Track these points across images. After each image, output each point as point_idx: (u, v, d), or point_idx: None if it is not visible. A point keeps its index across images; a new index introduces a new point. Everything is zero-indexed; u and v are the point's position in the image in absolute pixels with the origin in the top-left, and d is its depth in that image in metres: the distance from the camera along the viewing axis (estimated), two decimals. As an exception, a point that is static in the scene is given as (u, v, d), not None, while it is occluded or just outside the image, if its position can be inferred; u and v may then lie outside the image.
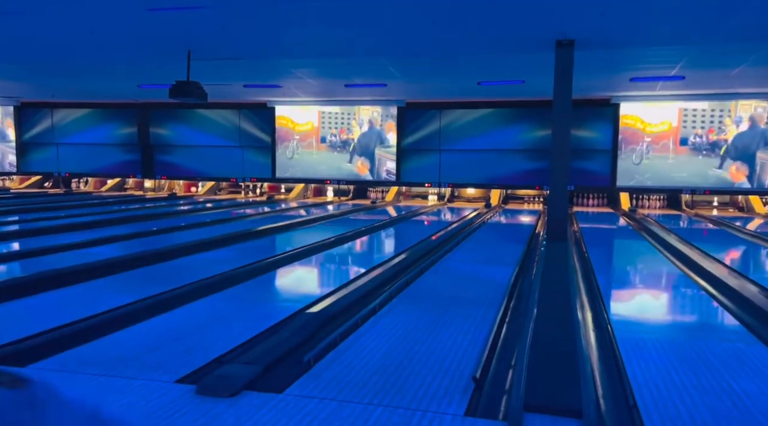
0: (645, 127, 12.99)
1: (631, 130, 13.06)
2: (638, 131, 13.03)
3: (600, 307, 4.28)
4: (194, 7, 6.56)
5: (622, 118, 13.09)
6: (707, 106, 12.61)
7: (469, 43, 8.24)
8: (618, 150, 13.20)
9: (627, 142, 13.08)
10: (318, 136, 14.87)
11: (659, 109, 12.88)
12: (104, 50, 9.20)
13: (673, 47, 8.31)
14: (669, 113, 12.85)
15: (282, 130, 15.03)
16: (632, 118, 13.05)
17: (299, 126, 14.97)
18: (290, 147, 15.02)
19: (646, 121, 12.99)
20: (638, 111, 13.02)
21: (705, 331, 4.06)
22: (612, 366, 3.04)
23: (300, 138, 14.94)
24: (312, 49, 8.84)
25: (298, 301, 4.37)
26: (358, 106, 14.59)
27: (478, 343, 3.36)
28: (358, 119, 14.63)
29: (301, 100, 14.64)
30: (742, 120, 12.49)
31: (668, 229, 9.31)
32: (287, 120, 15.02)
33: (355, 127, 14.68)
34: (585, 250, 7.16)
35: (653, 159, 12.98)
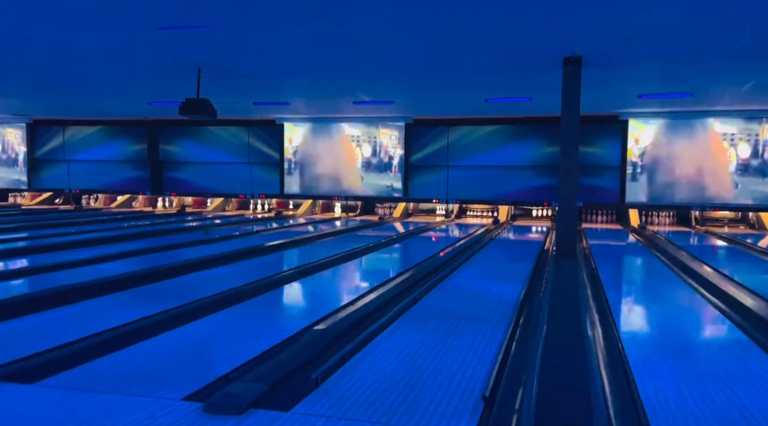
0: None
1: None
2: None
3: (610, 325, 4.24)
4: (203, 26, 6.64)
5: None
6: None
7: (476, 61, 8.28)
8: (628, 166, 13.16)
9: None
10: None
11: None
12: (115, 68, 9.32)
13: (680, 65, 8.31)
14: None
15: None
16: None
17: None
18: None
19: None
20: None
21: (716, 348, 4.00)
22: (623, 384, 3.00)
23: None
24: (320, 69, 8.91)
25: (305, 317, 4.36)
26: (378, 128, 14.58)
27: (487, 362, 3.32)
28: (379, 140, 14.63)
29: (308, 117, 14.73)
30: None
31: (678, 245, 9.24)
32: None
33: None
34: (594, 266, 7.11)
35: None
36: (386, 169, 14.65)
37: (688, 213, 13.35)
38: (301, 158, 15.18)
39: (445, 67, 8.73)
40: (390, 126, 14.54)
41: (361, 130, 14.74)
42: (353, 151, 14.84)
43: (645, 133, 13.11)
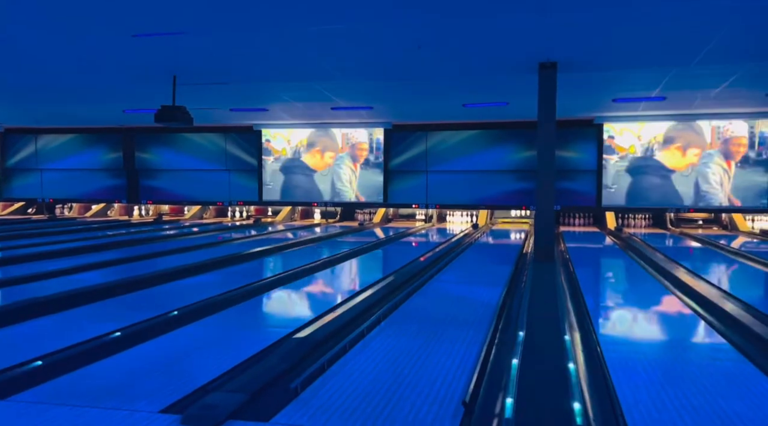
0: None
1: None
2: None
3: (589, 328, 4.28)
4: (178, 33, 6.59)
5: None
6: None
7: (453, 66, 8.34)
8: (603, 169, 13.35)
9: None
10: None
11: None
12: (89, 76, 9.19)
13: (653, 69, 8.47)
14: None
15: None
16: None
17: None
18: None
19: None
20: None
21: (693, 350, 4.07)
22: (602, 387, 3.02)
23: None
24: (296, 73, 8.90)
25: (285, 326, 4.32)
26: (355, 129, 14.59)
27: (468, 366, 3.33)
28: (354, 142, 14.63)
29: (287, 124, 14.68)
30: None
31: (654, 247, 9.38)
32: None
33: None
34: (572, 270, 7.17)
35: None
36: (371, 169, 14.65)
37: (663, 215, 13.58)
38: (280, 164, 15.11)
39: (422, 72, 8.77)
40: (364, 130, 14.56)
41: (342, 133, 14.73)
42: (333, 155, 14.81)
43: (620, 136, 13.31)
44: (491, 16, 6.02)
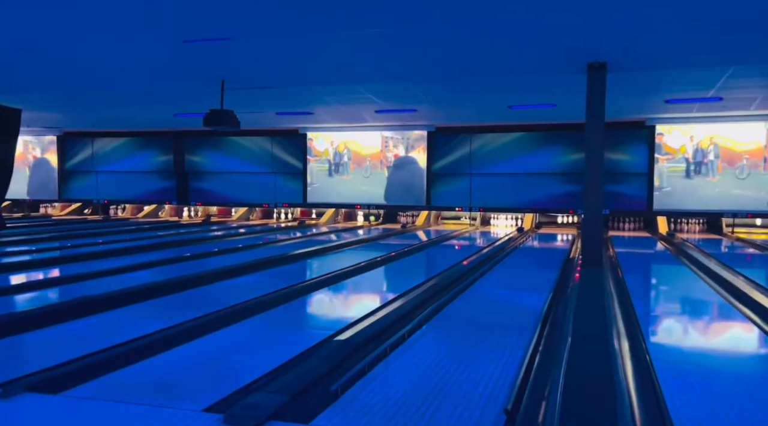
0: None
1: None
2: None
3: (638, 336, 4.13)
4: (226, 39, 6.73)
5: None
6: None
7: (498, 66, 8.23)
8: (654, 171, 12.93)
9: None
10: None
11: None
12: (141, 80, 9.50)
13: (708, 68, 8.15)
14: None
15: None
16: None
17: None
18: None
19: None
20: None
21: (748, 361, 3.88)
22: (651, 399, 2.91)
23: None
24: (340, 76, 8.96)
25: (327, 327, 4.34)
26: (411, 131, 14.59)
27: (511, 373, 3.26)
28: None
29: (332, 127, 14.80)
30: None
31: (708, 253, 9.01)
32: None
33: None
34: (621, 275, 6.96)
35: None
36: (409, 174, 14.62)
37: (719, 220, 13.05)
38: (324, 167, 15.25)
39: (468, 74, 8.69)
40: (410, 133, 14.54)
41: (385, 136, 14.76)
42: (378, 158, 14.85)
43: (674, 139, 12.88)
44: (538, 14, 5.91)
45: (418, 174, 14.50)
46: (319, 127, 14.99)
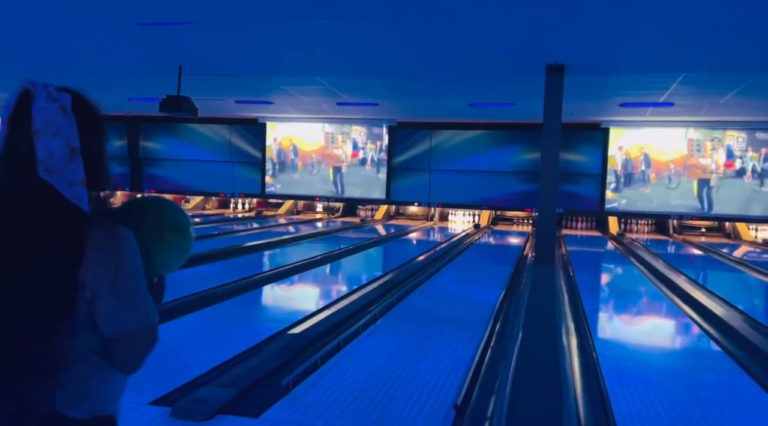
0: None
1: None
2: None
3: (585, 333, 4.25)
4: (185, 23, 6.55)
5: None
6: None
7: (459, 65, 8.29)
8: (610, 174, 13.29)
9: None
10: (324, 155, 14.82)
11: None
12: (94, 63, 9.16)
13: (661, 75, 8.40)
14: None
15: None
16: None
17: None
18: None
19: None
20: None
21: (690, 360, 4.04)
22: (596, 395, 2.99)
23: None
24: (302, 67, 8.86)
25: (280, 320, 4.30)
26: (350, 125, 14.62)
27: (462, 368, 3.30)
28: (351, 139, 14.64)
29: (292, 117, 14.65)
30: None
31: (655, 254, 9.33)
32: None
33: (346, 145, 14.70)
34: (572, 273, 7.14)
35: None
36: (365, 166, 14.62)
37: (666, 221, 13.51)
38: (287, 158, 15.09)
39: (428, 70, 8.72)
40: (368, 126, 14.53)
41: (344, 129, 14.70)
42: (336, 150, 14.78)
43: (626, 141, 13.25)
44: (499, 16, 5.97)
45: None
46: (279, 118, 14.80)
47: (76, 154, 1.13)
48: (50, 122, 1.12)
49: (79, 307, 1.08)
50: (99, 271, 1.09)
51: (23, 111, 1.13)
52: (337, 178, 14.81)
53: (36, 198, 1.09)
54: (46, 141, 1.10)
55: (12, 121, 1.13)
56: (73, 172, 1.12)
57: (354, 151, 14.71)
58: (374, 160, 14.60)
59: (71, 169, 1.11)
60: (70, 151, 1.12)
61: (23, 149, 1.10)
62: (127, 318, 1.13)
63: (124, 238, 1.14)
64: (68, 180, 1.11)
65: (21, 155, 1.10)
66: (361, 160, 14.65)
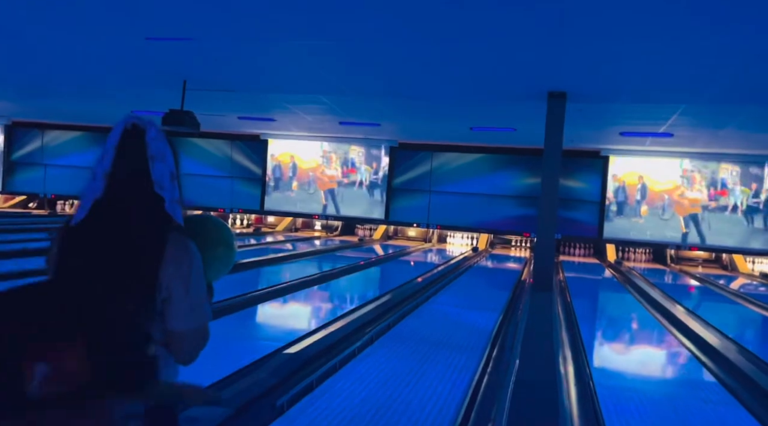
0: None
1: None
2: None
3: (582, 361, 4.23)
4: (190, 39, 6.62)
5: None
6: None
7: (461, 89, 8.37)
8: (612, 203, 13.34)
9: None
10: (323, 173, 14.88)
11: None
12: (101, 75, 9.23)
13: (662, 105, 8.48)
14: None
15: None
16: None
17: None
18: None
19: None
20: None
21: (686, 390, 4.01)
22: (593, 423, 2.97)
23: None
24: (304, 85, 8.92)
25: (275, 339, 4.27)
26: (349, 145, 14.68)
27: (458, 393, 3.28)
28: (349, 158, 14.70)
29: (294, 135, 14.71)
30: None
31: (652, 283, 9.32)
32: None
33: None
34: (570, 300, 7.12)
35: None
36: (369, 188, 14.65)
37: (664, 251, 13.52)
38: (284, 175, 15.13)
39: (431, 93, 8.80)
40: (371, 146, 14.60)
41: (345, 149, 14.76)
42: (337, 170, 14.82)
43: (624, 170, 13.32)
44: (502, 44, 6.04)
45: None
46: (281, 135, 14.87)
47: (174, 178, 1.41)
48: (160, 150, 1.39)
49: (156, 302, 1.29)
50: (174, 275, 1.31)
51: (137, 139, 1.39)
52: (328, 200, 14.84)
53: (150, 208, 1.35)
54: (158, 165, 1.38)
55: (125, 148, 1.38)
56: (174, 191, 1.39)
57: (350, 169, 14.75)
58: (371, 182, 14.62)
59: (173, 189, 1.39)
60: (171, 175, 1.40)
61: (141, 170, 1.36)
62: (193, 316, 1.35)
63: (192, 250, 1.36)
64: (171, 198, 1.37)
65: (140, 174, 1.36)
66: (358, 182, 14.69)
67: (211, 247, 1.48)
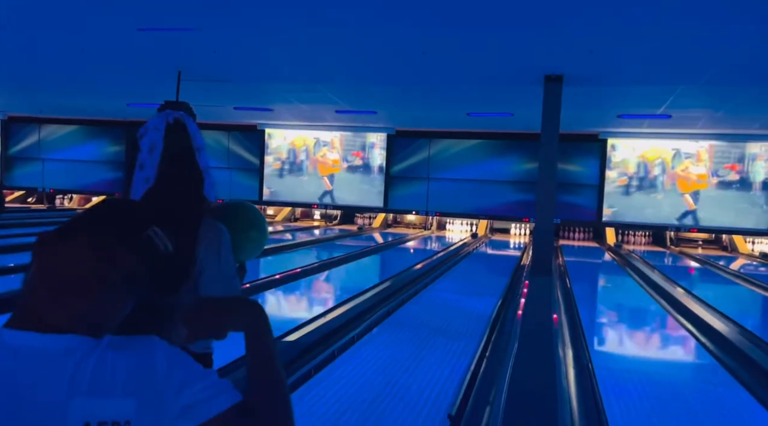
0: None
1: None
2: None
3: (581, 345, 4.23)
4: (184, 29, 6.56)
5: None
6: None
7: (458, 74, 8.31)
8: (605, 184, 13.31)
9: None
10: (324, 156, 14.84)
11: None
12: (94, 68, 9.17)
13: (659, 87, 8.43)
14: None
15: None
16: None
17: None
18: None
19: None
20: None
21: (686, 372, 4.02)
22: (591, 408, 2.97)
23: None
24: (301, 73, 8.87)
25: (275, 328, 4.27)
26: (349, 132, 14.63)
27: (457, 378, 3.28)
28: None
29: (291, 124, 14.66)
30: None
31: (652, 265, 9.32)
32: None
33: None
34: (569, 284, 7.12)
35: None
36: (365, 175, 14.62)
37: (664, 233, 13.51)
38: (282, 164, 15.09)
39: (428, 79, 8.74)
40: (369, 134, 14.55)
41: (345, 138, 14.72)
42: (334, 159, 14.79)
43: (623, 153, 13.28)
44: (498, 27, 5.99)
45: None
46: (278, 124, 14.81)
47: (208, 167, 1.61)
48: (202, 142, 1.61)
49: (193, 274, 1.48)
50: (207, 252, 1.49)
51: (182, 133, 1.58)
52: (333, 185, 14.83)
53: (194, 193, 1.55)
54: (201, 154, 1.59)
55: (173, 140, 1.56)
56: (211, 178, 1.60)
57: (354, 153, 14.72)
58: (371, 168, 14.59)
59: (210, 177, 1.60)
60: (206, 164, 1.61)
61: (188, 157, 1.57)
62: (223, 288, 1.50)
63: (223, 231, 1.54)
64: (209, 184, 1.58)
65: (188, 164, 1.56)
66: (358, 167, 14.66)
67: (245, 230, 1.66)
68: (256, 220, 1.76)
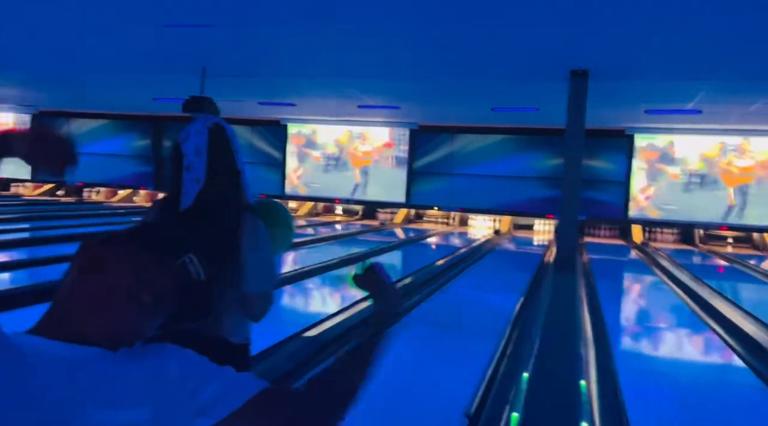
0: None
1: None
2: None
3: (605, 345, 4.15)
4: (208, 25, 6.61)
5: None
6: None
7: (483, 70, 8.23)
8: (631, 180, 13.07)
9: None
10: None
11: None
12: (121, 63, 9.30)
13: (689, 81, 8.23)
14: None
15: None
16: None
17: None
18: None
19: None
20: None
21: (713, 375, 3.92)
22: (614, 412, 2.91)
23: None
24: (323, 69, 8.87)
25: (293, 324, 4.28)
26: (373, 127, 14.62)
27: (476, 377, 3.24)
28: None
29: (314, 119, 14.70)
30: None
31: (680, 264, 9.13)
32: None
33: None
34: (594, 282, 7.01)
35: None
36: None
37: (692, 231, 13.22)
38: (305, 159, 15.15)
39: (452, 74, 8.67)
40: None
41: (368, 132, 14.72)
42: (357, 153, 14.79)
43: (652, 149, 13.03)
44: (523, 23, 5.90)
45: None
46: (301, 119, 14.87)
47: (245, 168, 1.76)
48: (239, 145, 1.76)
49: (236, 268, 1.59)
50: (249, 247, 1.61)
51: (224, 138, 1.72)
52: (362, 180, 14.83)
53: (237, 193, 1.70)
54: (241, 158, 1.75)
55: (218, 145, 1.70)
56: (247, 178, 1.74)
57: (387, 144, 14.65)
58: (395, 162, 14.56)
59: (246, 177, 1.74)
60: (243, 165, 1.75)
61: (229, 161, 1.71)
62: (263, 280, 1.63)
63: (260, 226, 1.67)
64: (247, 184, 1.73)
65: (232, 168, 1.70)
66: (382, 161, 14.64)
67: (275, 227, 1.76)
68: (288, 218, 1.93)
